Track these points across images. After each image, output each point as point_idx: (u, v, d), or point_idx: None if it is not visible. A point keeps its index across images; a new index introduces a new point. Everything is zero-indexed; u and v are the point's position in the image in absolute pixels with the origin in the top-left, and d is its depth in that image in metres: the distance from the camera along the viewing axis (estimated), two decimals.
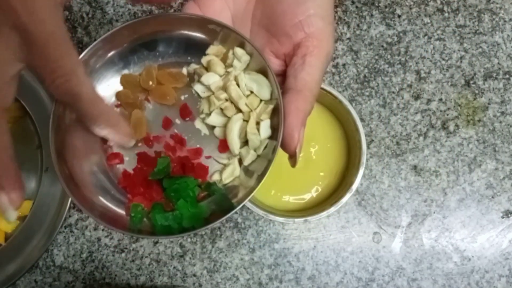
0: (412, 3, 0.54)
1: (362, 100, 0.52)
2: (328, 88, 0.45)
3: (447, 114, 0.52)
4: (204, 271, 0.49)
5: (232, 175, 0.35)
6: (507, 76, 0.53)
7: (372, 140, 0.51)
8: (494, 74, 0.53)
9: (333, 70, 0.52)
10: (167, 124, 0.37)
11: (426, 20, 0.53)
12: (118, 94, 0.37)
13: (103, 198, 0.35)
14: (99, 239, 0.49)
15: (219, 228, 0.49)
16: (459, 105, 0.52)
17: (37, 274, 0.49)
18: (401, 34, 0.53)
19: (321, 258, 0.49)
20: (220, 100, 0.35)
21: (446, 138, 0.51)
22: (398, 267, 0.49)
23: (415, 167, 0.51)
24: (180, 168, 0.36)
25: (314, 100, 0.33)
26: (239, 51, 0.35)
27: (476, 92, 0.52)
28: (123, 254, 0.49)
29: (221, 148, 0.36)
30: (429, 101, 0.52)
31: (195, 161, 0.36)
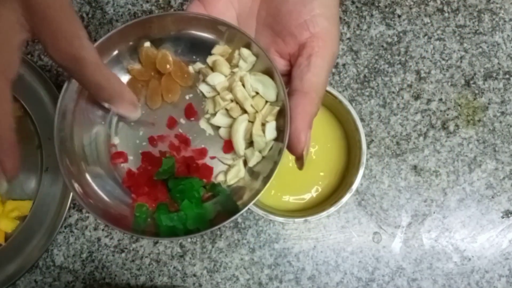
0: (412, 3, 0.54)
1: (362, 100, 0.52)
2: (328, 88, 0.45)
3: (447, 114, 0.52)
4: (204, 271, 0.49)
5: (237, 176, 0.35)
6: (507, 76, 0.53)
7: (372, 140, 0.51)
8: (494, 74, 0.53)
9: (333, 70, 0.52)
10: (172, 124, 0.37)
11: (426, 20, 0.53)
12: (133, 71, 0.37)
13: (107, 197, 0.35)
14: (99, 239, 0.49)
15: (219, 228, 0.49)
16: (459, 105, 0.52)
17: (37, 274, 0.49)
18: (401, 34, 0.53)
19: (321, 258, 0.49)
20: (226, 101, 0.35)
21: (446, 138, 0.51)
22: (398, 267, 0.49)
23: (415, 167, 0.51)
24: (185, 168, 0.35)
25: (320, 102, 0.33)
26: (245, 52, 0.35)
27: (476, 92, 0.52)
28: (123, 254, 0.49)
29: (226, 149, 0.36)
30: (429, 101, 0.52)
31: (200, 162, 0.36)
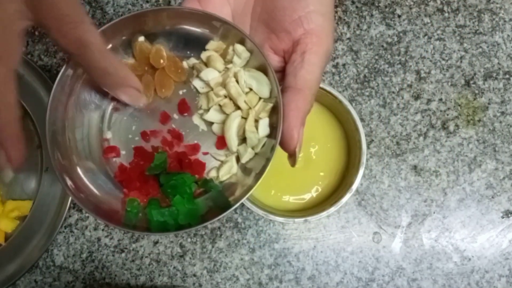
0: (412, 3, 0.54)
1: (362, 100, 0.52)
2: (328, 88, 0.45)
3: (447, 114, 0.52)
4: (204, 271, 0.49)
5: (229, 173, 0.35)
6: (507, 76, 0.53)
7: (372, 140, 0.51)
8: (494, 74, 0.53)
9: (333, 70, 0.52)
10: (165, 119, 0.37)
11: (426, 20, 0.53)
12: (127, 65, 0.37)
13: (99, 192, 0.35)
14: (99, 239, 0.49)
15: (219, 228, 0.49)
16: (459, 105, 0.52)
17: (37, 274, 0.49)
18: (401, 34, 0.53)
19: (321, 258, 0.49)
20: (219, 97, 0.35)
21: (446, 138, 0.51)
22: (398, 267, 0.49)
23: (415, 167, 0.51)
24: (177, 164, 0.35)
25: (314, 99, 0.33)
26: (239, 48, 0.35)
27: (476, 92, 0.52)
28: (123, 254, 0.49)
29: (219, 145, 0.36)
30: (429, 101, 0.52)
31: (192, 157, 0.36)
